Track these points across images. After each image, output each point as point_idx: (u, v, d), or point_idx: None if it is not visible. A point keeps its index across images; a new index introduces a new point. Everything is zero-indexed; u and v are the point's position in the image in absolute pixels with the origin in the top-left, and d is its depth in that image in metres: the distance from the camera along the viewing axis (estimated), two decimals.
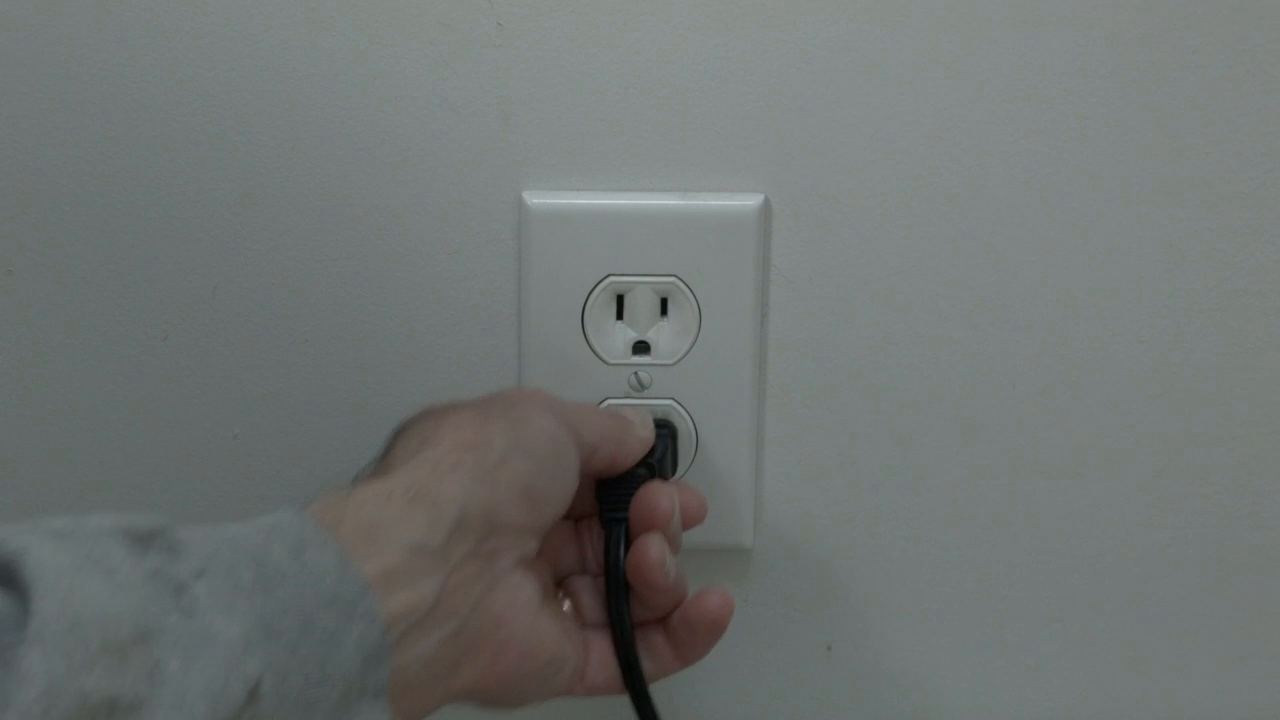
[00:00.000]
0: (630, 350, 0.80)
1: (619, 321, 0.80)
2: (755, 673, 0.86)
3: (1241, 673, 0.86)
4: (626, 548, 0.73)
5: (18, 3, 0.76)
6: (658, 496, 0.73)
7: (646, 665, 0.74)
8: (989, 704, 0.86)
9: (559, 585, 0.75)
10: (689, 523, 0.74)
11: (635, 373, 0.81)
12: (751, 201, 0.79)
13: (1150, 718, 0.87)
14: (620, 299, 0.80)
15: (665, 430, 0.79)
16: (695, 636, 0.74)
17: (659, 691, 0.74)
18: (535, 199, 0.79)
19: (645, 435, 0.75)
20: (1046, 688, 0.86)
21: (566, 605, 0.74)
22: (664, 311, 0.80)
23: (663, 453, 0.78)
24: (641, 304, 0.80)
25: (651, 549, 0.72)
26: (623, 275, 0.79)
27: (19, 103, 0.78)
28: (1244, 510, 0.84)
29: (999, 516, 0.84)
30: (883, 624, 0.85)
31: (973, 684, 0.86)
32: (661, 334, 0.80)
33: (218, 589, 0.58)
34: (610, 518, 0.74)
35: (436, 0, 0.77)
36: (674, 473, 0.80)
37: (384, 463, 0.68)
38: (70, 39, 0.77)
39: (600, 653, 0.73)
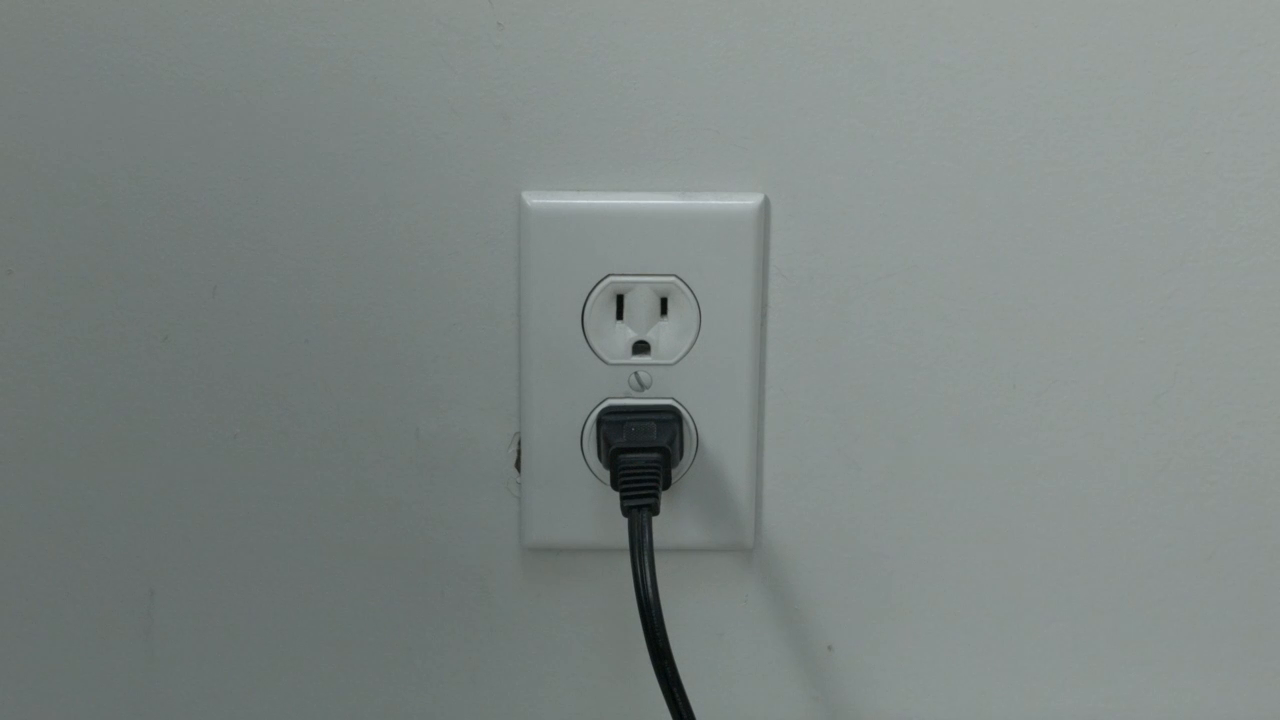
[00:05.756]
0: (630, 350, 0.80)
1: (619, 321, 0.80)
2: (755, 673, 0.86)
3: (1242, 673, 0.86)
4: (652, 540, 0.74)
5: (18, 2, 0.76)
6: None
7: None
8: (989, 704, 0.86)
9: None
10: None
11: (635, 373, 0.81)
12: (751, 201, 0.79)
13: (1150, 718, 0.86)
14: (620, 299, 0.80)
15: (671, 415, 0.80)
16: None
17: (655, 691, 0.74)
18: (535, 199, 0.79)
19: None
20: (1047, 688, 0.86)
21: None
22: (664, 311, 0.80)
23: (671, 437, 0.79)
24: (641, 304, 0.80)
25: None
26: (622, 275, 0.79)
27: (18, 102, 0.78)
28: (1245, 510, 0.83)
29: (999, 516, 0.84)
30: (883, 624, 0.85)
31: (973, 684, 0.86)
32: (661, 334, 0.80)
33: None
34: (632, 505, 0.76)
35: (436, 0, 0.77)
36: (680, 459, 0.81)
37: None
38: (70, 38, 0.77)
39: None
